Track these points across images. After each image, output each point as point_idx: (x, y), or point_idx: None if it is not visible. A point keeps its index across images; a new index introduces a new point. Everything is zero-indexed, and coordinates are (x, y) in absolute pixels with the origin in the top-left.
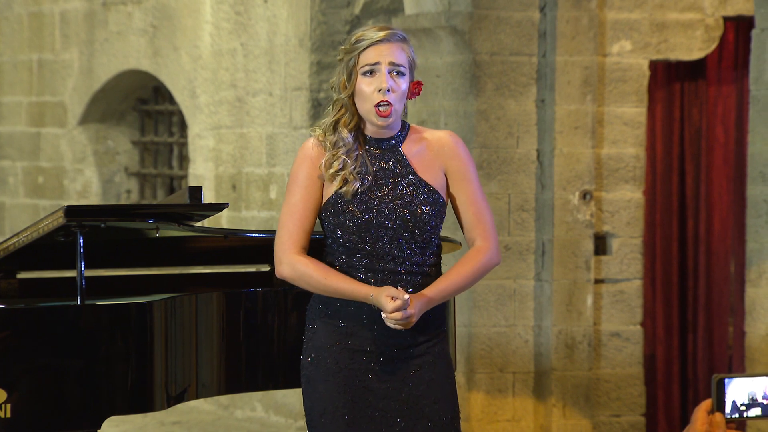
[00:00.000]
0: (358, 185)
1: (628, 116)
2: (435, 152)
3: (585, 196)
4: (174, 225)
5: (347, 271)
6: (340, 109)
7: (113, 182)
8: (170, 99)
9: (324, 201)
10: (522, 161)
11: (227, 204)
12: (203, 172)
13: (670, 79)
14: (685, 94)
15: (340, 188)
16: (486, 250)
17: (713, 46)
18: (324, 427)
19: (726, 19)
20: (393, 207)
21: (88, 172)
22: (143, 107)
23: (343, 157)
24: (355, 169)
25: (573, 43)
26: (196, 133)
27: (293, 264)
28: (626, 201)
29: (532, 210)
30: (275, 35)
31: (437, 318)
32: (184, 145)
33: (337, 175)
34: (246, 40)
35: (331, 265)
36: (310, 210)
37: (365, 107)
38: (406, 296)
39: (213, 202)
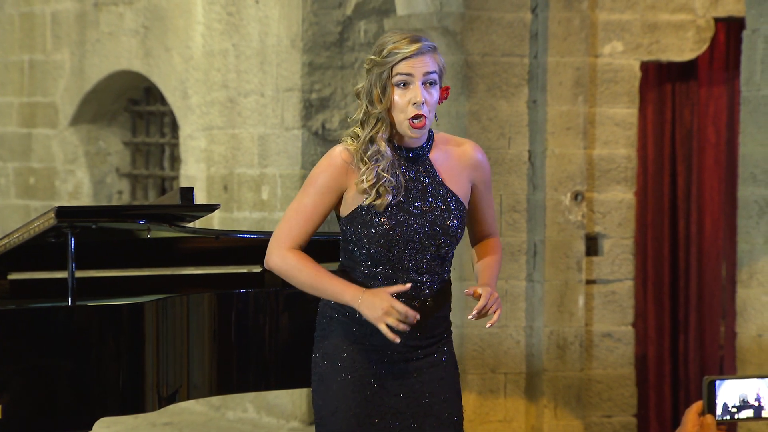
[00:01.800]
0: (390, 198)
1: (620, 117)
2: (463, 164)
3: (576, 196)
4: (165, 226)
5: (368, 278)
6: (376, 123)
7: (105, 183)
8: (162, 100)
9: (351, 210)
10: (514, 162)
11: (219, 205)
12: (195, 172)
13: (661, 80)
14: (677, 95)
15: (374, 201)
16: (500, 244)
17: (704, 47)
18: (334, 426)
19: (717, 20)
20: (422, 221)
21: (80, 173)
22: (135, 108)
23: (378, 170)
24: (387, 181)
25: (564, 44)
26: (188, 133)
27: (284, 256)
28: (618, 202)
29: (524, 211)
30: (267, 36)
31: (447, 319)
32: (175, 146)
33: (373, 187)
34: (238, 41)
35: (351, 270)
36: (319, 215)
37: (398, 118)
38: (408, 285)
39: (204, 202)
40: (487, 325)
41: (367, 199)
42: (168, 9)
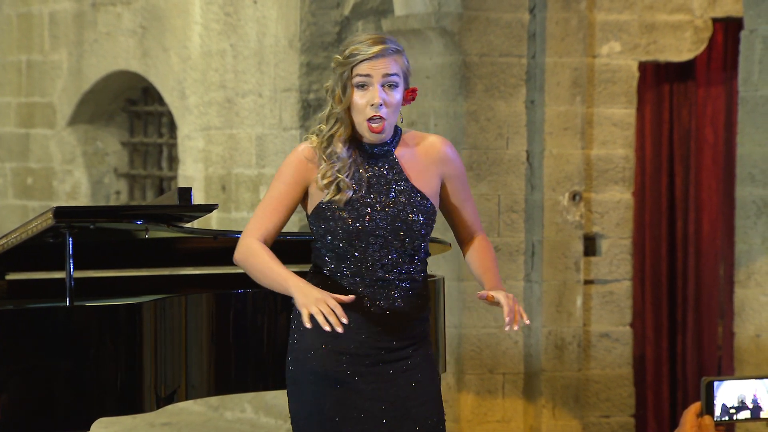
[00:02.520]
0: (351, 194)
1: (618, 117)
2: (429, 159)
3: (574, 197)
4: (163, 226)
5: (335, 276)
6: (335, 123)
7: (102, 183)
8: (159, 100)
9: (315, 206)
10: (512, 162)
11: (217, 205)
12: (193, 173)
13: (659, 80)
14: (675, 95)
15: (334, 196)
16: (489, 242)
17: (702, 47)
18: (308, 429)
19: (715, 20)
20: (384, 215)
21: (77, 173)
22: (132, 108)
23: (336, 171)
24: (348, 176)
25: (562, 44)
26: (186, 134)
27: (246, 244)
28: (615, 202)
29: (522, 211)
30: (265, 36)
31: (422, 321)
32: (173, 146)
33: (331, 184)
34: (235, 41)
35: (319, 269)
36: (284, 206)
37: (358, 119)
38: (352, 297)
39: (202, 203)
40: (526, 323)
41: (327, 194)
42: (166, 9)
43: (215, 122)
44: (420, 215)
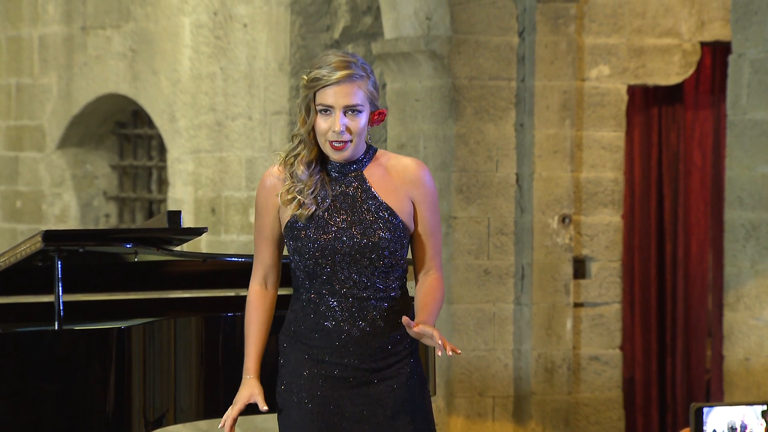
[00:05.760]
0: (313, 209)
1: (607, 140)
2: (401, 179)
3: (564, 219)
4: (153, 249)
5: (314, 297)
6: (298, 144)
7: (92, 206)
8: (149, 123)
9: (284, 224)
10: (501, 185)
11: (206, 228)
12: (182, 195)
13: (648, 103)
14: (663, 119)
15: (296, 211)
16: (443, 283)
17: (690, 71)
18: None
19: (703, 44)
20: (350, 232)
21: (67, 196)
22: (122, 131)
23: (296, 191)
24: (312, 192)
25: (551, 67)
26: (176, 156)
27: (249, 293)
28: (605, 225)
29: (512, 234)
30: (255, 59)
31: (406, 337)
32: (163, 169)
33: (294, 200)
34: (225, 64)
35: (297, 291)
36: (271, 235)
37: (320, 140)
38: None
39: (192, 226)
40: (457, 353)
41: (289, 209)
42: (156, 32)
43: (205, 145)
44: (387, 232)
